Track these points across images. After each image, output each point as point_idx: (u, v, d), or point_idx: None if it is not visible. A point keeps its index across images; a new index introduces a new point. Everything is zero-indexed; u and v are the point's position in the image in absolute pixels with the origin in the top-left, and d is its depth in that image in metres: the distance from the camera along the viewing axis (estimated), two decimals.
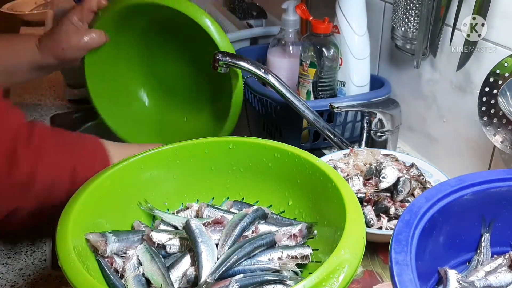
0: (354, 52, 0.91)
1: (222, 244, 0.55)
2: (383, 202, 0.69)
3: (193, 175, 0.67)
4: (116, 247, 0.55)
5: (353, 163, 0.75)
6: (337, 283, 0.43)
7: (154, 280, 0.52)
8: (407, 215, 0.49)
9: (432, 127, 0.89)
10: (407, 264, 0.43)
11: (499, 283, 0.54)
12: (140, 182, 0.63)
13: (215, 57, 0.76)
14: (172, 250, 0.57)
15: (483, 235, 0.58)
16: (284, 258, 0.55)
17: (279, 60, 1.02)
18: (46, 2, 1.94)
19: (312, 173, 0.60)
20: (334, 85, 0.94)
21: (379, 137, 0.84)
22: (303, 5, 0.92)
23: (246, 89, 1.00)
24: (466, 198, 0.54)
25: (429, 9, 0.77)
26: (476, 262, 0.58)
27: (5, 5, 1.92)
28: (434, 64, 0.84)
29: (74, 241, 0.49)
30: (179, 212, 0.66)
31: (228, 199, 0.68)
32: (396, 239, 0.46)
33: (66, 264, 0.46)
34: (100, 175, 0.59)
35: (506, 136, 0.69)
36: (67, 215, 0.52)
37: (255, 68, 0.77)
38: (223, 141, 0.67)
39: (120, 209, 0.61)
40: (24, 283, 0.65)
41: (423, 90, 0.89)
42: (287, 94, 0.78)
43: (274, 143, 0.65)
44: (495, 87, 0.67)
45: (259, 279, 0.51)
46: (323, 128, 0.83)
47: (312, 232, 0.59)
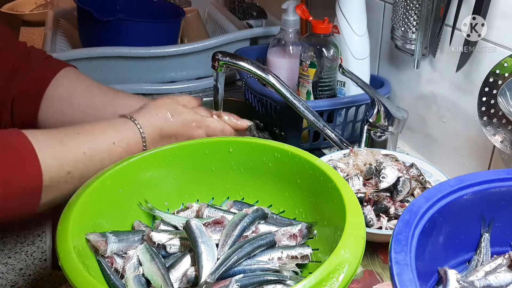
0: (354, 52, 0.91)
1: (222, 244, 0.55)
2: (383, 202, 0.69)
3: (193, 175, 0.67)
4: (116, 247, 0.55)
5: (353, 163, 0.75)
6: (337, 283, 0.43)
7: (154, 280, 0.52)
8: (407, 215, 0.49)
9: (432, 127, 0.89)
10: (407, 264, 0.43)
11: (499, 283, 0.54)
12: (140, 182, 0.63)
13: (215, 57, 0.76)
14: (172, 250, 0.57)
15: (482, 235, 0.58)
16: (284, 258, 0.55)
17: (279, 60, 1.02)
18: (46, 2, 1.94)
19: (312, 173, 0.60)
20: (334, 85, 0.94)
21: (379, 137, 0.84)
22: (303, 5, 0.93)
23: (246, 89, 1.00)
24: (466, 198, 0.54)
25: (429, 9, 0.77)
26: (476, 262, 0.58)
27: (5, 5, 1.92)
28: (433, 64, 0.85)
29: (74, 241, 0.49)
30: (179, 212, 0.66)
31: (228, 199, 0.68)
32: (396, 239, 0.46)
33: (66, 264, 0.46)
34: (100, 175, 0.59)
35: (505, 136, 0.69)
36: (67, 215, 0.52)
37: (255, 68, 0.77)
38: (223, 141, 0.67)
39: (120, 209, 0.61)
40: (24, 283, 0.65)
41: (423, 90, 0.89)
42: (287, 94, 0.78)
43: (274, 143, 0.65)
44: (495, 87, 0.67)
45: (259, 279, 0.51)
46: (323, 128, 0.83)
47: (312, 232, 0.60)
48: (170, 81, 1.26)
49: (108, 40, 1.19)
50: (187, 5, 1.63)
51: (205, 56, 1.23)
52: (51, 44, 1.24)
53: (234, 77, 1.25)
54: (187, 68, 1.25)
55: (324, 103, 0.89)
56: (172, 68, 1.24)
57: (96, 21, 1.17)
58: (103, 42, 1.18)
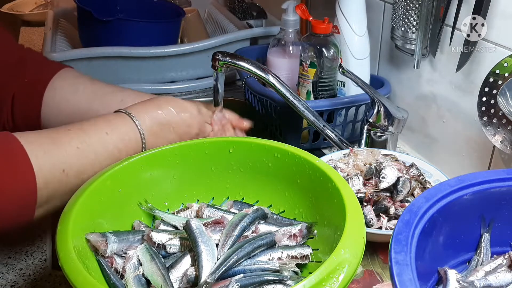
0: (354, 52, 0.91)
1: (222, 244, 0.55)
2: (383, 202, 0.69)
3: (193, 175, 0.67)
4: (116, 247, 0.55)
5: (353, 163, 0.75)
6: (337, 283, 0.43)
7: (154, 280, 0.52)
8: (407, 215, 0.49)
9: (431, 127, 0.89)
10: (407, 264, 0.43)
11: (499, 283, 0.54)
12: (140, 182, 0.63)
13: (215, 57, 0.76)
14: (172, 250, 0.57)
15: (482, 235, 0.58)
16: (284, 258, 0.55)
17: (279, 60, 1.02)
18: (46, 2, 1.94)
19: (312, 173, 0.60)
20: (334, 85, 0.94)
21: (379, 137, 0.84)
22: (303, 5, 0.93)
23: (246, 89, 1.00)
24: (465, 198, 0.54)
25: (429, 9, 0.77)
26: (475, 262, 0.58)
27: (5, 5, 1.92)
28: (433, 64, 0.85)
29: (74, 241, 0.49)
30: (179, 212, 0.66)
31: (228, 199, 0.68)
32: (396, 239, 0.46)
33: (66, 264, 0.46)
34: (100, 175, 0.59)
35: (505, 136, 0.69)
36: (67, 215, 0.52)
37: (255, 68, 0.77)
38: (223, 141, 0.67)
39: (120, 209, 0.61)
40: (24, 283, 0.65)
41: (423, 90, 0.89)
42: (287, 94, 0.78)
43: (274, 143, 0.65)
44: (495, 87, 0.67)
45: (259, 279, 0.51)
46: (323, 128, 0.83)
47: (312, 232, 0.60)
48: (170, 81, 1.26)
49: (108, 40, 1.19)
50: (187, 5, 1.63)
51: (205, 56, 1.23)
52: (51, 44, 1.24)
53: (234, 77, 1.25)
54: (187, 68, 1.25)
55: (324, 103, 0.89)
56: (172, 68, 1.24)
57: (96, 21, 1.17)
58: (103, 42, 1.18)
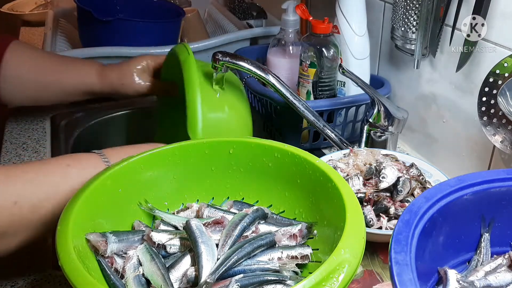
0: (354, 52, 0.91)
1: (222, 244, 0.55)
2: (383, 202, 0.69)
3: (193, 175, 0.67)
4: (116, 247, 0.55)
5: (353, 163, 0.75)
6: (337, 283, 0.43)
7: (154, 281, 0.52)
8: (407, 215, 0.49)
9: (432, 127, 0.89)
10: (407, 264, 0.43)
11: (499, 283, 0.54)
12: (140, 182, 0.63)
13: (214, 57, 0.76)
14: (172, 250, 0.57)
15: (482, 235, 0.58)
16: (284, 258, 0.55)
17: (279, 60, 1.02)
18: (46, 2, 1.94)
19: (312, 173, 0.60)
20: (334, 85, 0.94)
21: (379, 137, 0.84)
22: (303, 5, 0.93)
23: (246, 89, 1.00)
24: (466, 198, 0.54)
25: (429, 9, 0.77)
26: (476, 262, 0.58)
27: (5, 5, 1.92)
28: (433, 64, 0.85)
29: (74, 241, 0.49)
30: (179, 212, 0.66)
31: (228, 199, 0.68)
32: (396, 239, 0.46)
33: (66, 264, 0.46)
34: (100, 175, 0.59)
35: (505, 136, 0.69)
36: (67, 215, 0.52)
37: (255, 68, 0.77)
38: (223, 142, 0.67)
39: (120, 209, 0.61)
40: (24, 283, 0.65)
41: (422, 90, 0.89)
42: (287, 94, 0.78)
43: (274, 143, 0.65)
44: (495, 87, 0.67)
45: (259, 279, 0.51)
46: (323, 128, 0.83)
47: (312, 232, 0.60)
48: None
49: (108, 40, 1.19)
50: (187, 5, 1.63)
51: (205, 56, 1.23)
52: (51, 44, 1.24)
53: None
54: None
55: (324, 103, 0.89)
56: None
57: (96, 21, 1.17)
58: (103, 42, 1.18)
